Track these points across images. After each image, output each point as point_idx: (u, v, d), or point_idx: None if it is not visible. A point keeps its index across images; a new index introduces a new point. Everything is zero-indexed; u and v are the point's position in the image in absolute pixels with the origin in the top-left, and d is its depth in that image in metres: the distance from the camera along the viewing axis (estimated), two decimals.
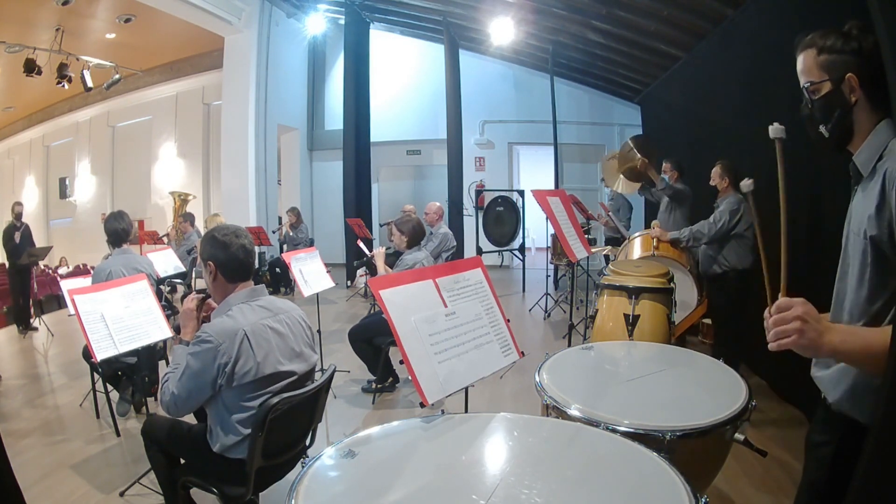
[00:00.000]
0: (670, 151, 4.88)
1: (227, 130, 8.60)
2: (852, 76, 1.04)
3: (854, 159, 1.10)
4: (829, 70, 1.07)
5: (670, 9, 5.02)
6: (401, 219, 3.65)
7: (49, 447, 2.92)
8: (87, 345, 2.53)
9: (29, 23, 7.93)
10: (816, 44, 1.09)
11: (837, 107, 1.08)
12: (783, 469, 2.50)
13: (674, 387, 1.66)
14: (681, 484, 1.05)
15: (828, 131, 1.11)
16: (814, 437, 1.21)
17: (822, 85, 1.09)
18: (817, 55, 1.09)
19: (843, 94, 1.07)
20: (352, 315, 6.02)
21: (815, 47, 1.09)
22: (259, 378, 1.66)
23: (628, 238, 4.14)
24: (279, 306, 1.82)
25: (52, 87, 9.15)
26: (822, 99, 1.10)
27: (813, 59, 1.09)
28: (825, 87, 1.08)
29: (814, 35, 1.10)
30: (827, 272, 1.27)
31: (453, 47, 7.94)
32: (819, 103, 1.10)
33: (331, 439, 2.99)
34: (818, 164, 2.93)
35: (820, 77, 1.09)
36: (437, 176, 9.44)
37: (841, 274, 1.14)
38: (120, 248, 3.26)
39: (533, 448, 1.27)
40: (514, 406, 3.31)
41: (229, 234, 1.76)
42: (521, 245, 7.74)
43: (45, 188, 13.15)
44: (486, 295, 1.79)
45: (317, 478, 1.14)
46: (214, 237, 1.75)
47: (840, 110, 1.08)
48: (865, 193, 1.06)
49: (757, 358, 3.58)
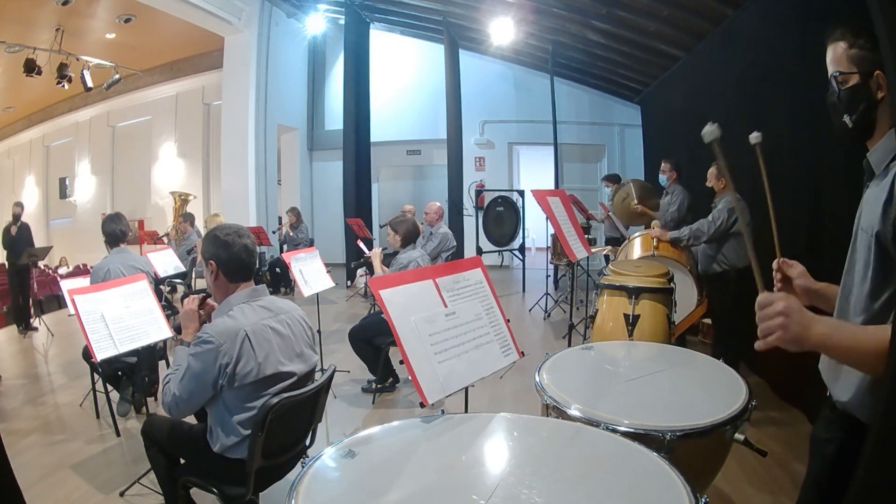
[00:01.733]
0: (670, 151, 4.88)
1: (227, 130, 8.60)
2: (881, 74, 1.06)
3: (868, 156, 1.11)
4: (858, 63, 1.09)
5: (670, 9, 5.02)
6: (395, 219, 3.70)
7: (49, 447, 2.92)
8: (87, 345, 2.53)
9: (29, 23, 7.93)
10: (847, 38, 1.10)
11: (864, 100, 1.09)
12: (783, 469, 2.50)
13: (674, 387, 1.66)
14: (681, 484, 1.05)
15: (852, 122, 1.12)
16: (819, 435, 1.21)
17: (850, 76, 1.10)
18: (848, 48, 1.10)
19: (870, 89, 1.08)
20: (352, 315, 6.02)
21: (845, 41, 1.10)
22: (260, 379, 1.66)
23: (628, 238, 4.14)
24: (280, 306, 1.82)
25: (52, 87, 9.15)
26: (849, 90, 1.11)
27: (844, 51, 1.11)
28: (853, 79, 1.09)
29: (845, 30, 1.11)
30: (829, 269, 1.27)
31: (453, 47, 7.94)
32: (846, 93, 1.11)
33: (331, 439, 2.99)
34: (818, 161, 2.94)
35: (849, 68, 1.10)
36: (437, 176, 9.44)
37: (848, 267, 1.15)
38: (117, 247, 3.27)
39: (533, 448, 1.27)
40: (514, 406, 3.31)
41: (232, 233, 1.75)
42: (521, 245, 7.74)
43: (45, 188, 13.15)
44: (486, 295, 1.79)
45: (317, 478, 1.14)
46: (217, 236, 1.75)
47: (866, 103, 1.09)
48: (876, 191, 1.07)
49: (757, 358, 3.58)
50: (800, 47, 3.09)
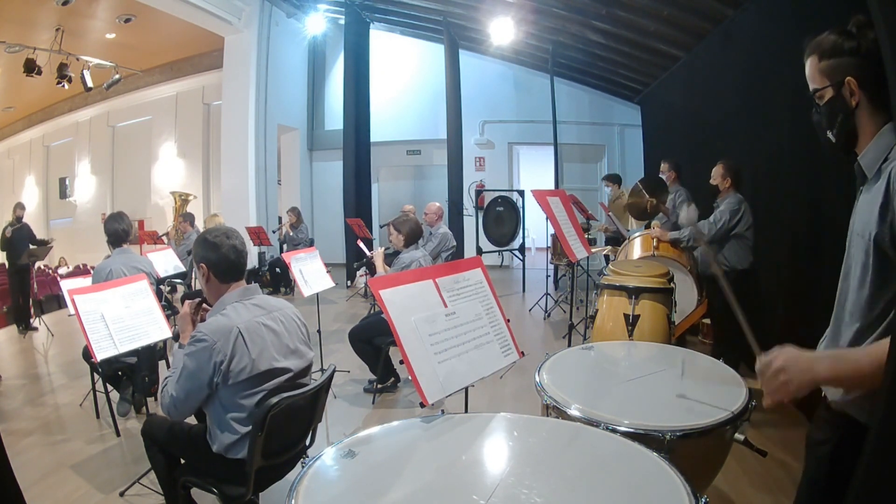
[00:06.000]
0: (670, 151, 4.88)
1: (227, 130, 8.60)
2: (851, 80, 1.05)
3: (859, 160, 1.10)
4: (829, 75, 1.08)
5: (670, 9, 5.02)
6: (398, 219, 3.70)
7: (49, 447, 2.92)
8: (87, 345, 2.53)
9: (29, 23, 7.93)
10: (817, 49, 1.10)
11: (840, 112, 1.09)
12: (783, 469, 2.50)
13: (674, 387, 1.66)
14: (681, 484, 1.05)
15: (834, 136, 1.12)
16: (814, 436, 1.21)
17: (825, 91, 1.10)
18: (818, 61, 1.10)
19: (844, 99, 1.08)
20: (352, 315, 6.02)
21: (816, 53, 1.10)
22: (254, 375, 1.67)
23: (628, 238, 4.14)
24: (273, 304, 1.84)
25: (52, 87, 9.15)
26: (826, 105, 1.11)
27: (815, 66, 1.11)
28: (828, 94, 1.10)
29: (816, 39, 1.11)
30: (830, 275, 1.27)
31: (453, 47, 7.94)
32: (825, 109, 1.12)
33: (331, 439, 2.99)
34: (819, 163, 2.93)
35: (822, 83, 1.10)
36: (437, 176, 9.44)
37: (844, 273, 1.14)
38: (120, 247, 3.27)
39: (533, 448, 1.27)
40: (514, 406, 3.31)
41: (220, 235, 1.78)
42: (521, 245, 7.74)
43: (45, 188, 13.15)
44: (486, 295, 1.79)
45: (317, 478, 1.14)
46: (206, 239, 1.78)
47: (842, 115, 1.09)
48: (870, 195, 1.06)
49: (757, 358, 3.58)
50: (799, 47, 3.09)
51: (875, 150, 1.06)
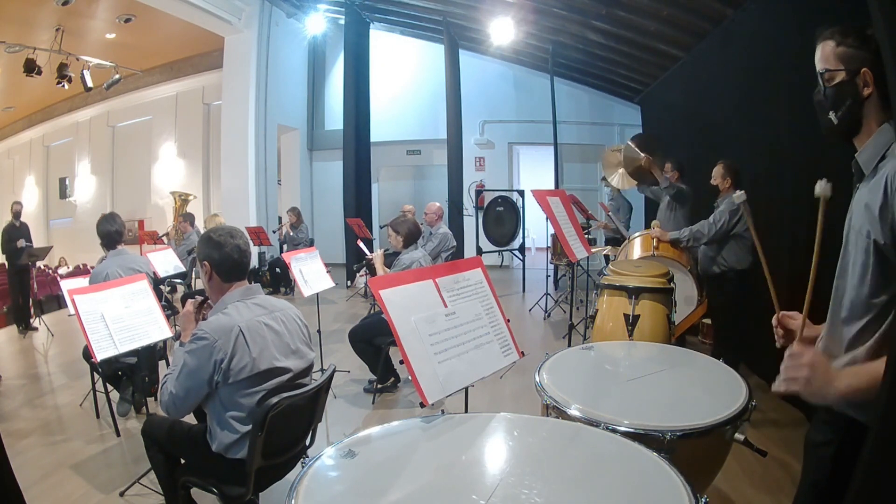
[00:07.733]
0: (670, 151, 4.88)
1: (227, 130, 8.60)
2: (867, 71, 1.06)
3: (857, 157, 1.11)
4: (845, 61, 1.09)
5: (670, 9, 5.02)
6: (396, 220, 3.71)
7: (49, 447, 2.92)
8: (87, 345, 2.53)
9: (29, 23, 7.93)
10: (836, 37, 1.10)
11: (849, 96, 1.09)
12: (783, 469, 2.50)
13: (674, 387, 1.66)
14: (681, 484, 1.05)
15: (837, 118, 1.13)
16: (814, 437, 1.21)
17: (836, 73, 1.10)
18: (836, 46, 1.10)
19: (856, 86, 1.08)
20: (352, 315, 6.02)
21: (834, 40, 1.11)
22: (255, 374, 1.67)
23: (628, 238, 4.14)
24: (274, 304, 1.84)
25: (52, 87, 9.15)
26: (835, 87, 1.11)
27: (832, 50, 1.11)
28: (839, 76, 1.10)
29: (834, 29, 1.11)
30: (832, 272, 1.27)
31: (453, 47, 7.94)
32: (832, 90, 1.12)
33: (331, 439, 2.99)
34: (819, 162, 2.93)
35: (836, 66, 1.10)
36: (437, 176, 9.44)
37: (840, 271, 1.14)
38: (115, 249, 3.24)
39: (533, 448, 1.27)
40: (514, 406, 3.31)
41: (224, 234, 1.79)
42: (521, 245, 7.74)
43: (45, 188, 13.14)
44: (486, 295, 1.79)
45: (317, 478, 1.14)
46: (210, 238, 1.78)
47: (851, 100, 1.09)
48: (867, 192, 1.07)
49: (757, 358, 3.58)
50: (799, 47, 3.09)
51: (873, 148, 1.07)
